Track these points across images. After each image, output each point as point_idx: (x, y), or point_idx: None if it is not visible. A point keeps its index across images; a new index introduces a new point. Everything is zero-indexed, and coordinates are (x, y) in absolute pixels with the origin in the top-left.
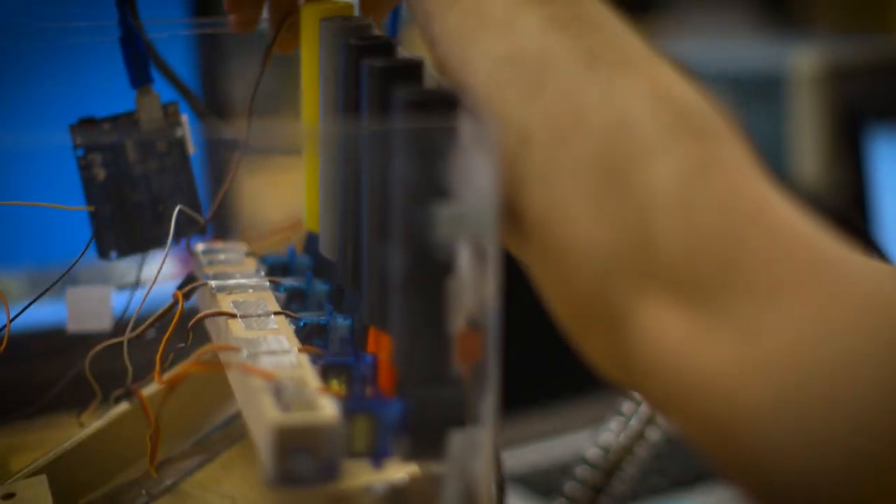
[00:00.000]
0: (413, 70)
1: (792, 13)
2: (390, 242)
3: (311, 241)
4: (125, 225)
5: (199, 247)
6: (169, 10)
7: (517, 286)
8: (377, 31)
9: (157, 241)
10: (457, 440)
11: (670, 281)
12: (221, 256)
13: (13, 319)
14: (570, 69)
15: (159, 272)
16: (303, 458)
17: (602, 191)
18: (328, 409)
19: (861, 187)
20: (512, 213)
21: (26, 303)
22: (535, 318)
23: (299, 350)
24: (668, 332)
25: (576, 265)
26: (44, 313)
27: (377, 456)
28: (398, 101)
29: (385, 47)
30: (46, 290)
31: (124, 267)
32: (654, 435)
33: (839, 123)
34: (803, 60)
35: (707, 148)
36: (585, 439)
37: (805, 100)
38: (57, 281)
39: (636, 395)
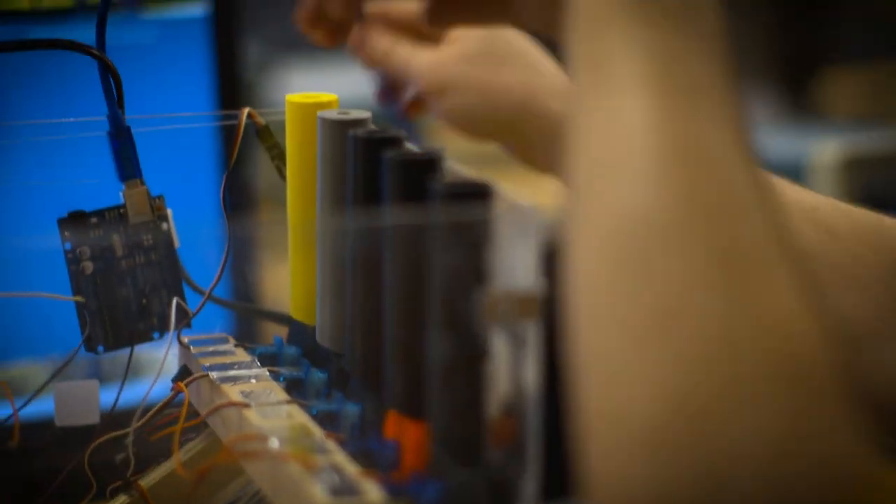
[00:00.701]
0: (435, 162)
1: (812, 102)
2: (428, 330)
3: (297, 330)
4: (112, 319)
5: (185, 339)
6: (196, 103)
7: None
8: (373, 125)
9: (142, 336)
10: None
11: None
12: (211, 348)
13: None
14: (686, 266)
15: (163, 365)
16: None
17: (663, 433)
18: (374, 493)
19: None
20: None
21: (45, 394)
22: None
23: (325, 437)
24: None
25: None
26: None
27: None
28: (436, 191)
29: (395, 140)
30: (40, 389)
31: (110, 360)
32: None
33: None
34: (824, 149)
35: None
36: None
37: (826, 188)
38: (52, 377)
39: None
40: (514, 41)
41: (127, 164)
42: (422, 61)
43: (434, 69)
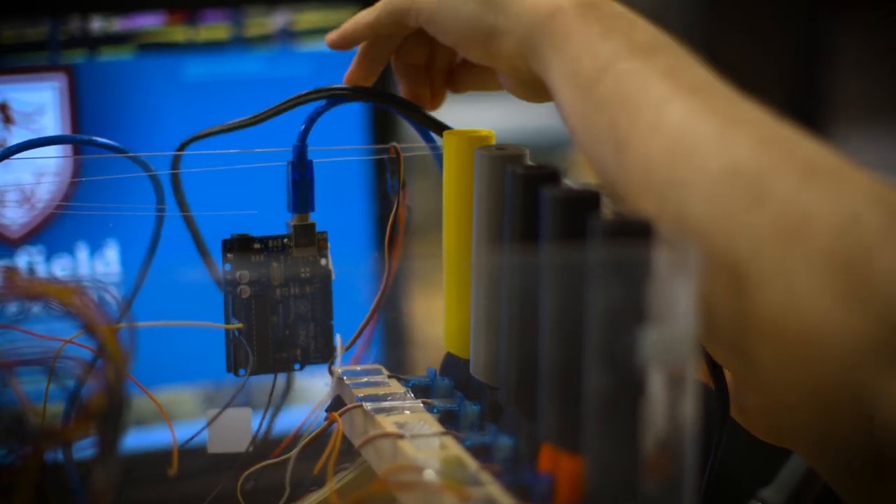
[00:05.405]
0: (594, 200)
1: None
2: (586, 365)
3: (450, 362)
4: (259, 345)
5: (339, 370)
6: (350, 135)
7: None
8: (530, 160)
9: (284, 364)
10: None
11: None
12: (364, 379)
13: (185, 443)
14: (791, 179)
15: (331, 395)
16: None
17: (843, 281)
18: None
19: None
20: (738, 320)
21: (195, 419)
22: None
23: (480, 469)
24: None
25: (824, 354)
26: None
27: None
28: (596, 228)
29: (552, 176)
30: (215, 418)
31: (258, 387)
32: None
33: None
34: None
35: None
36: None
37: None
38: (228, 404)
39: None
40: None
41: (302, 196)
42: None
43: None
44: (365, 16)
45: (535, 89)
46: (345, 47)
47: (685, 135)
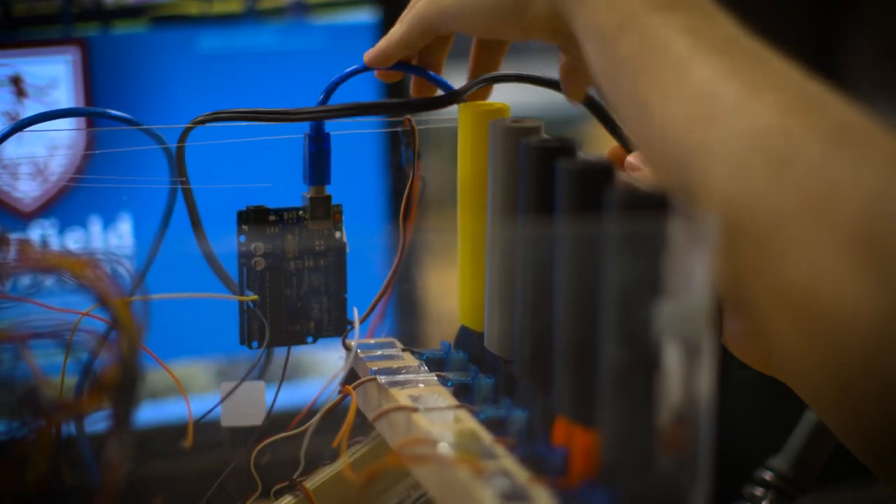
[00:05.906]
0: (609, 172)
1: None
2: (601, 338)
3: (464, 335)
4: (272, 317)
5: (353, 343)
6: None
7: None
8: (544, 133)
9: (297, 338)
10: None
11: None
12: (378, 352)
13: (202, 417)
14: (818, 146)
15: (346, 369)
16: None
17: (868, 256)
18: (545, 499)
19: None
20: (757, 292)
21: (208, 393)
22: None
23: (494, 442)
24: None
25: (847, 330)
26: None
27: None
28: (612, 201)
29: (567, 148)
30: (232, 391)
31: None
32: None
33: None
34: None
35: None
36: None
37: None
38: (244, 378)
39: None
40: None
41: (318, 168)
42: None
43: None
44: (395, 33)
45: (579, 50)
46: (385, 65)
47: (706, 97)
